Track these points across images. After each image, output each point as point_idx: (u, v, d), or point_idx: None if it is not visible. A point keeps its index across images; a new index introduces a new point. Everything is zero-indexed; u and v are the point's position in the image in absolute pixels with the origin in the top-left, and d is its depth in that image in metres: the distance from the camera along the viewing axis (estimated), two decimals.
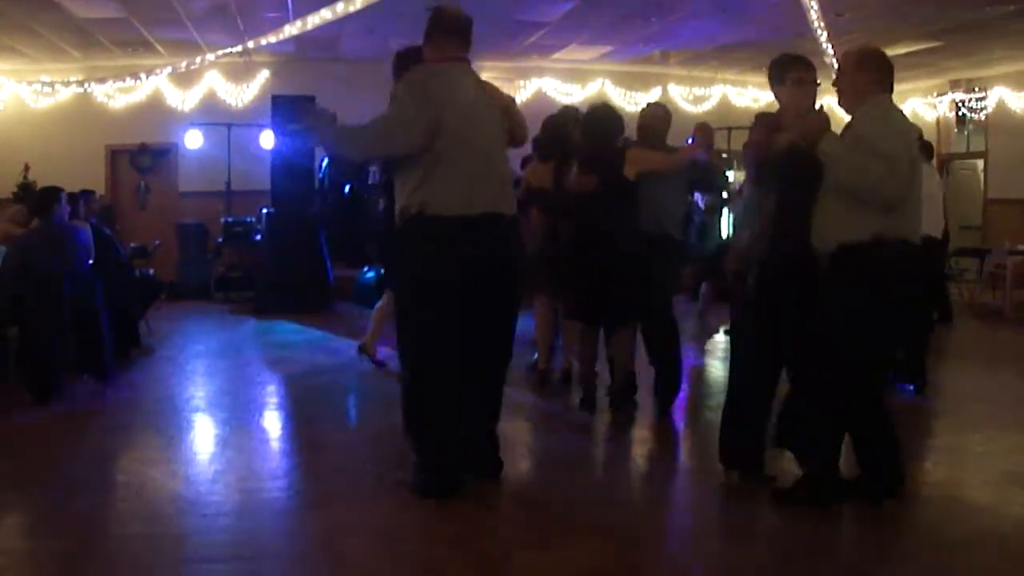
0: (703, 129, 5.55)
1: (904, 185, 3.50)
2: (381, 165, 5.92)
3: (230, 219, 11.43)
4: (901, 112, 3.81)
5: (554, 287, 5.81)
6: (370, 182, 6.49)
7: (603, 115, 5.36)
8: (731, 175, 8.94)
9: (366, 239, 6.51)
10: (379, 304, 6.67)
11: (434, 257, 3.80)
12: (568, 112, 5.99)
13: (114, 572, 3.18)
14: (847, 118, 3.78)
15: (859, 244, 3.56)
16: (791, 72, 3.98)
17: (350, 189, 6.54)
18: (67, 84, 11.68)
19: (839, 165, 3.57)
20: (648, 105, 5.85)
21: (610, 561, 3.29)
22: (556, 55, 12.38)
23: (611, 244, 5.09)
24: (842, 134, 3.70)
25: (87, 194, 7.65)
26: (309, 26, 8.94)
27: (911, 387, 5.92)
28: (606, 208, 5.09)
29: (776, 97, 4.06)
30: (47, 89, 11.77)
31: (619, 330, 5.34)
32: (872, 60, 3.75)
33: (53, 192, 6.05)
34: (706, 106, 13.51)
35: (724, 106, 13.66)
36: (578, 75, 13.13)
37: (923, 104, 14.09)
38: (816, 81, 4.04)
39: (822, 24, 8.96)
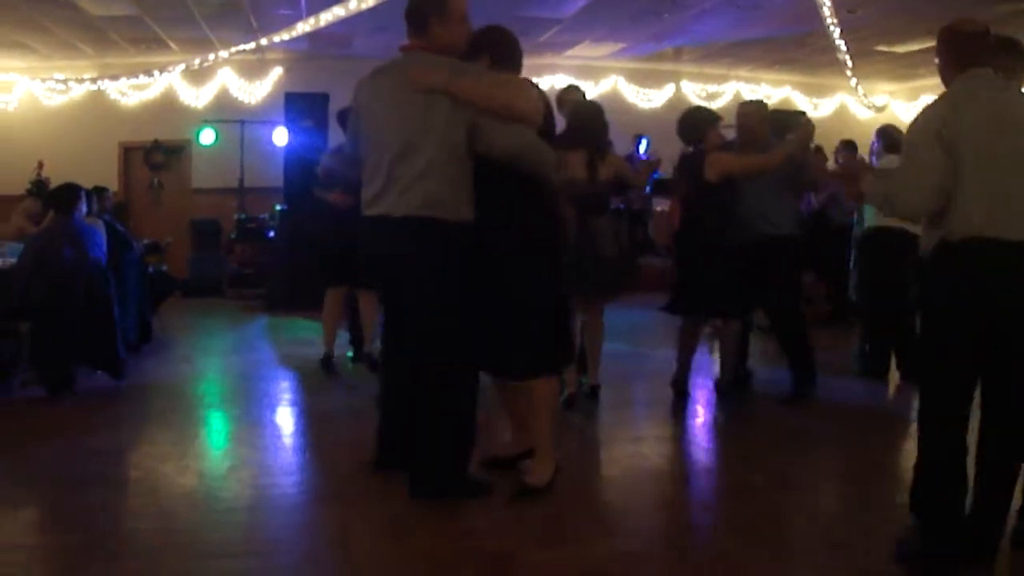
0: (805, 127, 5.39)
1: (923, 187, 2.93)
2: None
3: (243, 216, 11.48)
4: (962, 92, 2.97)
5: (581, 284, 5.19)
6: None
7: (688, 116, 5.50)
8: None
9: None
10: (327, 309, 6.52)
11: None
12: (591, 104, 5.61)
13: (126, 567, 3.18)
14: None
15: (930, 251, 3.05)
16: None
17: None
18: (80, 81, 11.75)
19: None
20: (740, 104, 5.83)
21: (619, 560, 3.28)
22: (569, 52, 12.37)
23: (709, 246, 5.24)
24: None
25: (100, 191, 7.70)
26: (322, 23, 8.96)
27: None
28: (702, 210, 5.24)
29: None
30: (61, 86, 11.84)
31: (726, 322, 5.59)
32: (944, 38, 3.07)
33: (75, 190, 6.04)
34: (719, 103, 13.43)
35: (737, 103, 13.53)
36: (591, 72, 13.10)
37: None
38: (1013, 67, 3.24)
39: (835, 20, 8.92)
